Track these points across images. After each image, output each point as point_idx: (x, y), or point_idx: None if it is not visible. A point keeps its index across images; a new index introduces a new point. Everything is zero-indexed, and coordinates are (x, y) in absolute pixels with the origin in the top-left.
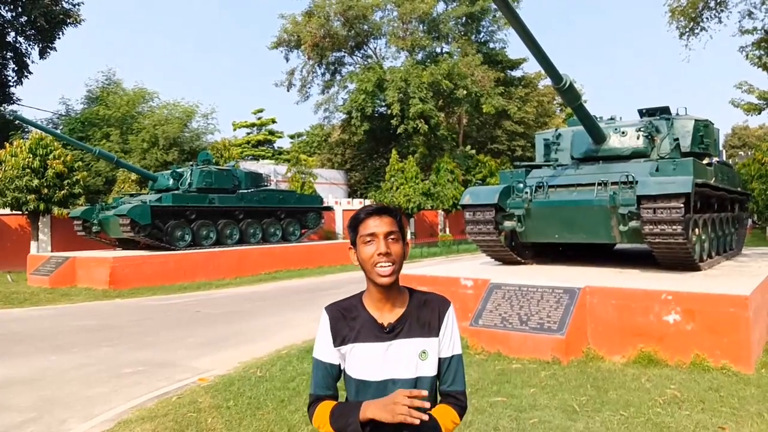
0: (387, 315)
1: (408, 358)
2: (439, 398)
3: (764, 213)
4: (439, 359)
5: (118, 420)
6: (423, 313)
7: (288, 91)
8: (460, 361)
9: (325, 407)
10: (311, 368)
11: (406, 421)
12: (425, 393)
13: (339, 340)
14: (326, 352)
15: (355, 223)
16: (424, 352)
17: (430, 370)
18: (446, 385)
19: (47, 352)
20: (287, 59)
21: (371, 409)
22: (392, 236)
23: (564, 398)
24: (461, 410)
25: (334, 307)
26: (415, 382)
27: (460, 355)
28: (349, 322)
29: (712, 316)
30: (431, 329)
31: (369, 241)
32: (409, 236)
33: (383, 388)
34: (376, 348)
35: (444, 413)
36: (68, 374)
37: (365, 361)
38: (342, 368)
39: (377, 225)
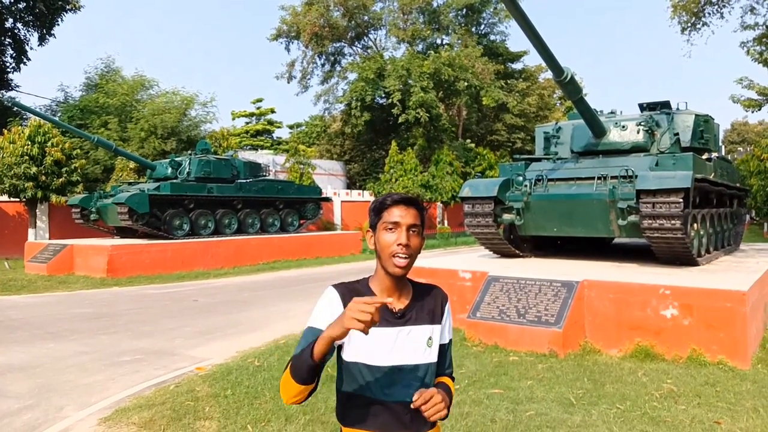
0: (395, 302)
1: (417, 345)
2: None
3: (762, 209)
4: (441, 345)
5: (116, 408)
6: (428, 302)
7: (288, 83)
8: (451, 342)
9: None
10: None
11: (353, 326)
12: (387, 300)
13: None
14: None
15: (380, 207)
16: (430, 339)
17: (433, 356)
18: (443, 368)
19: (44, 339)
20: (288, 50)
21: (327, 331)
22: (414, 229)
23: (561, 391)
24: (453, 380)
25: (343, 286)
26: (424, 369)
27: (452, 338)
28: None
29: (710, 311)
30: (435, 317)
31: (391, 229)
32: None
33: (391, 374)
34: (387, 333)
35: (451, 386)
36: (65, 362)
37: (376, 345)
38: (337, 348)
39: (402, 215)
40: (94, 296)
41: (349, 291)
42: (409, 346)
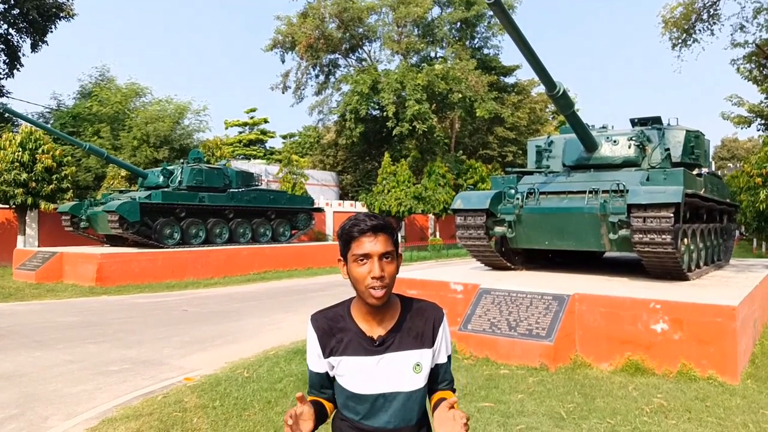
0: (376, 328)
1: (401, 372)
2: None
3: (752, 225)
4: (437, 365)
5: (102, 418)
6: (416, 324)
7: (283, 93)
8: (450, 358)
9: None
10: (301, 369)
11: None
12: (305, 412)
13: (327, 351)
14: (316, 362)
15: (347, 238)
16: (418, 365)
17: (422, 381)
18: (444, 384)
19: (31, 348)
20: (283, 61)
21: None
22: (387, 257)
23: (551, 405)
24: (454, 392)
25: (321, 316)
26: (410, 396)
27: (451, 353)
28: (336, 333)
29: (700, 325)
30: (424, 340)
31: (362, 262)
32: (399, 240)
33: (374, 401)
34: (366, 362)
35: (450, 398)
36: (52, 371)
37: (355, 374)
38: (332, 375)
39: (372, 245)
40: (83, 305)
41: (327, 322)
42: (393, 373)
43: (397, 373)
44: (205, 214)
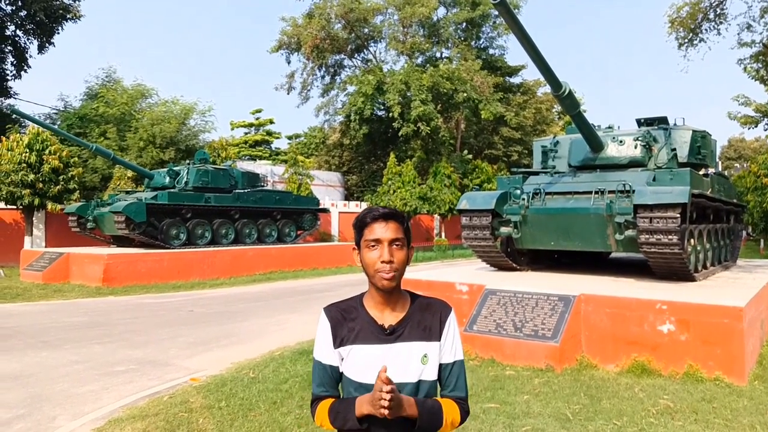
0: (388, 317)
1: (409, 362)
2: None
3: (759, 225)
4: (441, 365)
5: (109, 418)
6: (424, 317)
7: (288, 94)
8: (461, 366)
9: (325, 405)
10: (307, 369)
11: (384, 415)
12: (390, 389)
13: (338, 341)
14: (326, 353)
15: (360, 225)
16: (425, 356)
17: (430, 374)
18: (448, 390)
19: (38, 348)
20: (288, 62)
21: (364, 406)
22: (397, 243)
23: (557, 406)
24: (464, 413)
25: (334, 307)
26: (417, 387)
27: (462, 360)
28: (348, 323)
29: (707, 326)
30: (432, 333)
31: (373, 247)
32: (410, 229)
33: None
34: (377, 350)
35: (448, 406)
36: (59, 371)
37: (365, 363)
38: (341, 370)
39: (383, 231)
40: (89, 305)
41: (340, 312)
42: (400, 363)
43: (405, 363)
44: (211, 214)
